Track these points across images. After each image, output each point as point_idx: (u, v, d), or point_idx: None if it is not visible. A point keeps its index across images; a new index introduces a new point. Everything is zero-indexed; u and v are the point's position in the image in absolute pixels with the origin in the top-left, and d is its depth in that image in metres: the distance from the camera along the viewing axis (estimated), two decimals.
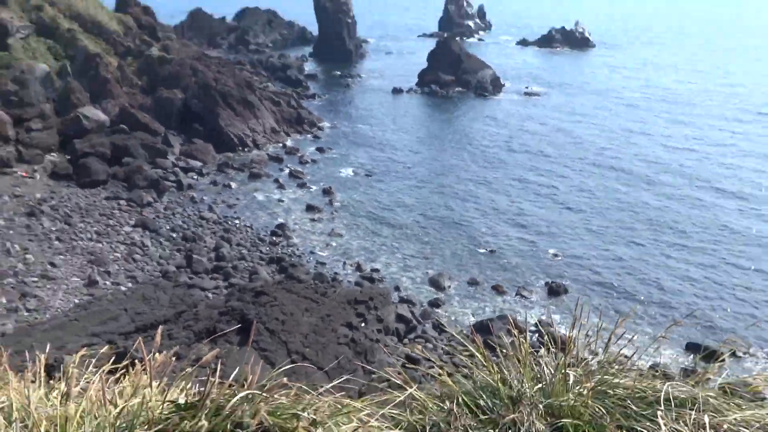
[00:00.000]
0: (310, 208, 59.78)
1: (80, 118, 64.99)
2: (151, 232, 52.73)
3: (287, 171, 68.26)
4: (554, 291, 47.47)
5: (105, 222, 53.30)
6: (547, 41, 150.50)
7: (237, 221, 56.41)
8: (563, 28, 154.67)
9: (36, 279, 44.60)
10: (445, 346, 39.78)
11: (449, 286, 48.15)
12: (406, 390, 4.07)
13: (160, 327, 3.89)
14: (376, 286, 45.44)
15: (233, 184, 64.07)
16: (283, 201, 61.43)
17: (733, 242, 55.35)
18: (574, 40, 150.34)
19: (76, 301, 43.03)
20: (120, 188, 58.91)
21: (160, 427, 2.38)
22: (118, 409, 2.51)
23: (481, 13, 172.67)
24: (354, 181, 67.37)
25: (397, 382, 4.22)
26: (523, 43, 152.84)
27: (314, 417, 2.52)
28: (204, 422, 2.31)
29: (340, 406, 2.78)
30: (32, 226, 50.75)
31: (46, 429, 2.53)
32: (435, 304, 45.67)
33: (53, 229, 50.97)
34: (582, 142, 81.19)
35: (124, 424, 2.45)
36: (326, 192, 63.19)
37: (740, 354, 40.25)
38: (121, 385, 3.01)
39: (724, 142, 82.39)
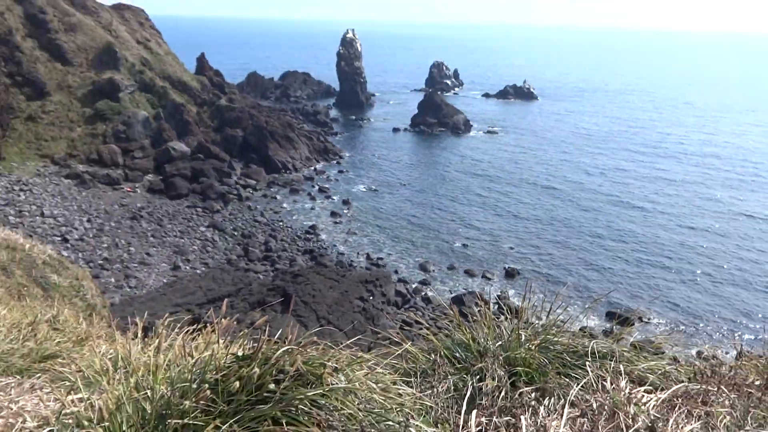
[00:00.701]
0: (333, 214, 59.70)
1: (169, 149, 64.99)
2: (219, 231, 52.68)
3: (317, 187, 68.15)
4: (510, 274, 47.34)
5: (186, 224, 53.26)
6: (503, 94, 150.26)
7: (281, 223, 56.34)
8: (515, 84, 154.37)
9: (136, 264, 44.56)
10: (431, 313, 39.69)
11: (433, 270, 48.03)
12: (403, 345, 4.02)
13: (225, 299, 3.84)
14: (381, 270, 45.38)
15: (278, 197, 64.00)
16: (314, 209, 61.34)
17: (634, 241, 55.18)
18: (523, 94, 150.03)
19: (165, 280, 43.02)
20: (197, 199, 58.87)
21: (224, 372, 2.33)
22: (194, 360, 2.46)
23: (456, 74, 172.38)
24: (365, 194, 67.27)
25: (396, 339, 4.17)
26: (486, 95, 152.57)
27: (336, 365, 2.48)
28: (256, 369, 2.26)
29: (354, 358, 2.73)
30: (134, 227, 50.72)
31: (142, 374, 2.49)
32: (423, 283, 45.57)
33: (149, 229, 50.93)
34: (528, 168, 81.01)
35: (198, 370, 2.40)
36: (345, 202, 63.09)
37: (645, 320, 40.11)
38: (196, 342, 2.96)
39: (627, 168, 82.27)
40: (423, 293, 43.48)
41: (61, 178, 56.72)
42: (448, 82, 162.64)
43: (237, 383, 2.21)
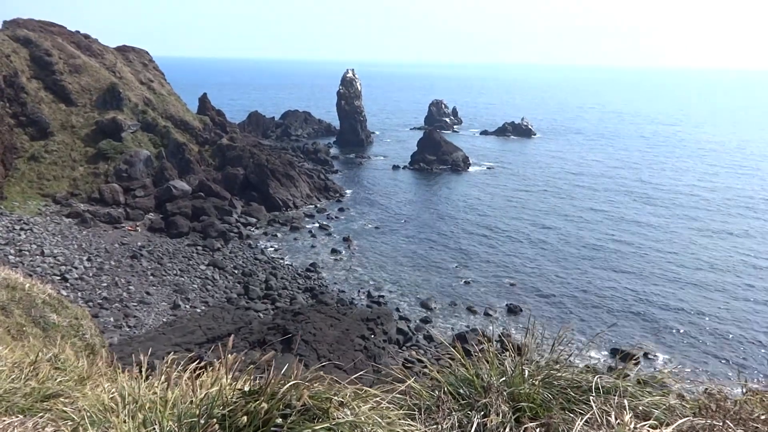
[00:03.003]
0: (334, 251, 59.62)
1: (171, 188, 65.36)
2: (220, 269, 52.50)
3: (318, 225, 68.25)
4: (512, 311, 46.99)
5: (186, 262, 53.12)
6: (501, 131, 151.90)
7: (281, 261, 56.20)
8: (513, 122, 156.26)
9: (136, 304, 44.29)
10: (434, 352, 39.28)
11: (435, 308, 47.69)
12: (406, 382, 4.02)
13: (231, 335, 3.86)
14: (382, 308, 45.03)
15: (279, 234, 64.03)
16: (314, 246, 61.28)
17: (637, 279, 54.97)
18: (521, 131, 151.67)
19: (164, 319, 42.65)
20: (198, 238, 58.85)
21: (231, 407, 2.35)
22: (201, 395, 2.48)
23: (455, 112, 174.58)
24: (366, 231, 67.29)
25: (399, 376, 4.17)
26: (485, 133, 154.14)
27: (342, 400, 2.50)
28: (264, 404, 2.29)
29: (359, 393, 2.75)
30: (134, 266, 50.60)
31: (150, 408, 2.51)
32: (425, 320, 45.18)
33: (149, 267, 50.78)
34: (527, 205, 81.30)
35: (206, 405, 2.42)
36: (346, 239, 63.07)
37: (651, 356, 39.67)
38: (201, 378, 2.98)
39: (626, 206, 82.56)
40: (425, 331, 43.06)
41: (62, 217, 56.89)
42: (447, 119, 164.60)
43: (245, 418, 2.23)
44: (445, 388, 4.02)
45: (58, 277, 45.14)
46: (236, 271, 52.41)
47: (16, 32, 71.56)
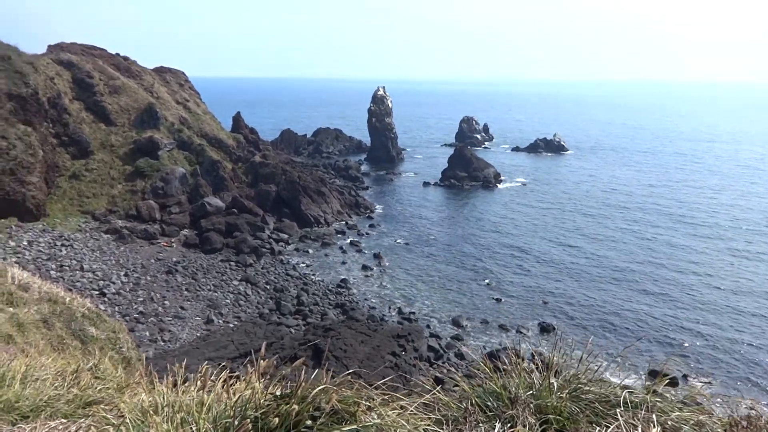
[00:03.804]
0: (365, 268, 59.77)
1: (205, 204, 66.62)
2: (252, 285, 53.10)
3: (349, 241, 68.61)
4: (545, 329, 46.30)
5: (220, 278, 53.91)
6: (533, 148, 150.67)
7: (312, 277, 56.57)
8: (545, 138, 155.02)
9: (170, 318, 45.06)
10: (465, 370, 38.89)
11: (466, 325, 47.30)
12: (436, 393, 4.07)
13: (264, 343, 3.99)
14: (413, 325, 44.87)
15: (310, 251, 64.51)
16: (345, 263, 61.55)
17: (672, 299, 53.62)
18: (553, 147, 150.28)
19: (198, 334, 43.26)
20: (231, 253, 59.67)
21: (264, 409, 2.47)
22: (235, 398, 2.61)
23: (486, 128, 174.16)
24: (397, 248, 67.34)
25: (427, 387, 4.23)
26: (516, 149, 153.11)
27: (369, 404, 2.59)
28: (295, 406, 2.39)
29: (386, 399, 2.84)
30: (169, 281, 51.56)
31: (187, 411, 2.64)
32: (456, 338, 44.82)
33: (184, 283, 51.69)
34: (560, 222, 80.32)
35: (240, 408, 2.54)
36: (376, 256, 63.20)
37: (683, 377, 38.55)
38: (234, 385, 3.11)
39: (661, 224, 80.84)
40: (456, 348, 42.71)
41: (100, 233, 58.45)
42: (478, 136, 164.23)
43: (276, 419, 2.34)
44: (473, 400, 4.07)
45: (97, 292, 46.29)
46: (268, 287, 52.93)
47: (60, 56, 74.38)
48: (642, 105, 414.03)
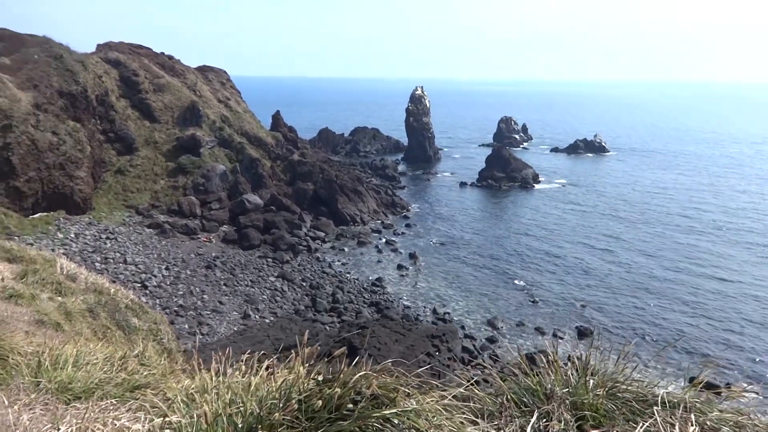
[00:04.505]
0: (400, 267, 59.88)
1: (244, 201, 67.80)
2: (288, 281, 53.79)
3: (384, 240, 68.82)
4: (583, 333, 45.52)
5: (257, 273, 54.77)
6: (573, 148, 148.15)
7: (348, 275, 56.95)
8: (585, 138, 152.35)
9: (209, 312, 46.02)
10: (500, 372, 38.55)
11: (502, 327, 46.92)
12: (471, 387, 4.12)
13: (306, 331, 4.12)
14: (447, 325, 44.74)
15: (346, 249, 64.97)
16: (381, 261, 61.78)
17: (716, 306, 52.04)
18: (594, 148, 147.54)
19: (235, 328, 44.06)
20: (268, 250, 60.55)
21: (307, 393, 2.58)
22: (280, 381, 2.73)
23: (524, 128, 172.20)
24: (432, 248, 67.25)
25: (462, 381, 4.28)
26: (555, 150, 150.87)
27: (407, 391, 2.68)
28: (338, 389, 2.50)
29: (424, 387, 2.92)
30: (208, 276, 52.67)
31: (234, 392, 2.78)
32: (491, 340, 44.52)
33: (222, 277, 52.71)
34: (599, 224, 78.84)
35: (284, 390, 2.66)
36: (412, 256, 63.24)
37: (740, 388, 37.36)
38: (278, 371, 3.23)
39: (707, 228, 78.46)
40: (491, 350, 42.42)
41: (143, 228, 60.11)
42: (517, 136, 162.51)
43: (320, 402, 2.45)
44: (508, 396, 4.11)
45: (139, 284, 47.64)
46: (304, 284, 53.55)
47: (108, 55, 76.76)
48: (684, 106, 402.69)
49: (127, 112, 72.88)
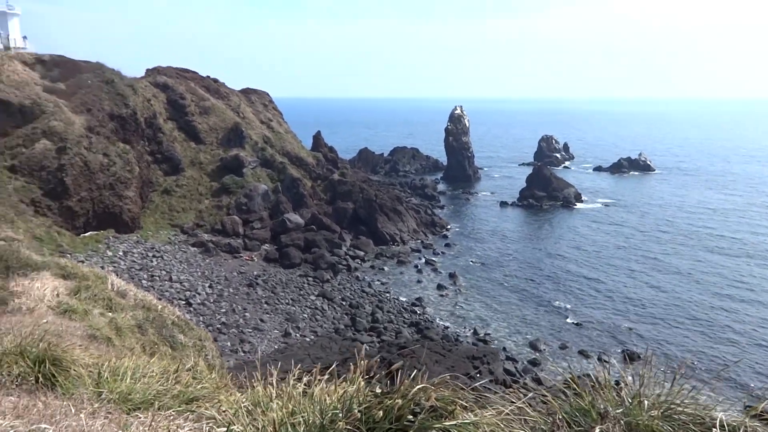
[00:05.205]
0: (440, 287, 59.53)
1: (285, 220, 68.77)
2: (328, 300, 54.07)
3: (424, 260, 68.62)
4: (629, 357, 44.17)
5: (298, 292, 55.28)
6: (617, 167, 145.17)
7: (387, 294, 56.91)
8: (629, 157, 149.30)
9: (250, 330, 46.57)
10: (542, 396, 37.70)
11: (544, 349, 46.00)
12: (522, 406, 4.11)
13: (364, 345, 4.21)
14: (488, 346, 44.12)
15: (386, 268, 65.01)
16: (420, 281, 61.56)
17: (752, 324, 49.86)
18: (638, 167, 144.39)
19: (276, 347, 44.44)
20: (309, 269, 61.09)
21: (367, 404, 2.66)
22: (341, 392, 2.82)
23: (566, 147, 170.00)
24: (472, 268, 66.68)
25: (512, 400, 4.27)
26: (598, 169, 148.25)
27: (465, 404, 2.73)
28: (398, 400, 2.57)
29: (480, 400, 2.96)
30: (250, 294, 53.43)
31: (297, 400, 2.88)
32: (533, 363, 43.65)
33: (263, 296, 53.38)
34: (645, 245, 76.75)
35: (345, 401, 2.75)
36: (452, 276, 62.82)
37: None
38: (337, 383, 3.32)
39: (747, 250, 75.44)
40: (533, 373, 41.59)
41: (188, 246, 61.55)
42: (558, 155, 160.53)
43: (381, 413, 2.53)
44: (560, 415, 4.09)
45: (183, 302, 48.67)
46: (344, 303, 53.75)
47: (156, 78, 79.62)
48: (729, 122, 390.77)
49: (173, 133, 75.22)
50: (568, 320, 51.56)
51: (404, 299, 55.82)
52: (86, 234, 57.58)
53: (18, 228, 49.65)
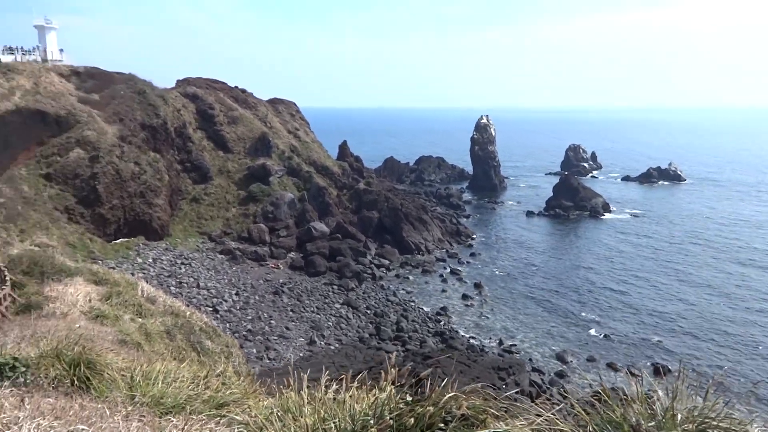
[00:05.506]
0: (465, 297, 59.18)
1: (311, 229, 69.20)
2: (353, 309, 54.14)
3: (449, 269, 68.33)
4: (659, 371, 43.25)
5: (323, 300, 55.48)
6: (646, 177, 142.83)
7: (412, 303, 56.77)
8: (659, 167, 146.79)
9: (276, 337, 46.86)
10: (569, 409, 37.13)
11: (571, 361, 45.33)
12: (552, 417, 4.07)
13: (393, 352, 4.23)
14: (514, 357, 43.67)
15: (410, 277, 64.89)
16: (445, 291, 61.26)
17: None
18: (668, 176, 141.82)
19: (301, 354, 44.62)
20: (334, 277, 61.31)
21: (398, 411, 2.68)
22: (373, 399, 2.84)
23: (594, 156, 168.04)
24: (498, 277, 66.15)
25: (542, 411, 4.23)
26: (627, 178, 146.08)
27: (496, 413, 2.73)
28: (430, 408, 2.59)
29: (512, 410, 2.95)
30: (276, 301, 53.80)
31: (328, 405, 2.91)
32: (560, 375, 43.05)
33: (289, 303, 53.71)
34: (671, 256, 75.22)
35: (377, 408, 2.77)
36: (477, 285, 62.41)
37: None
38: (367, 390, 3.34)
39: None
40: (560, 386, 40.97)
41: (216, 254, 62.31)
42: (586, 164, 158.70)
43: (412, 420, 2.55)
44: (591, 427, 4.04)
45: (210, 309, 49.23)
46: (369, 312, 53.77)
47: (186, 89, 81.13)
48: (761, 131, 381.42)
49: (202, 143, 76.45)
50: (595, 333, 50.76)
51: (429, 309, 55.60)
52: (117, 241, 58.75)
53: (52, 234, 50.92)
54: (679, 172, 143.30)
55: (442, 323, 51.99)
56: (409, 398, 2.81)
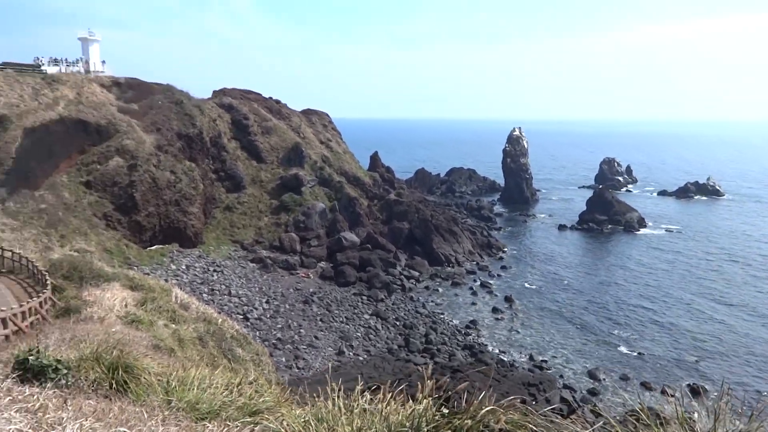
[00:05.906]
0: (495, 310, 58.55)
1: (341, 239, 69.51)
2: (382, 320, 54.03)
3: (479, 282, 67.73)
4: (695, 391, 41.90)
5: (352, 310, 55.52)
6: (683, 192, 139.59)
7: (442, 316, 56.40)
8: (697, 181, 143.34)
9: (305, 347, 47.03)
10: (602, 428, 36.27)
11: (604, 379, 44.34)
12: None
13: (430, 363, 4.23)
14: (544, 373, 42.96)
15: (440, 289, 64.52)
16: (475, 303, 60.72)
17: None
18: (706, 191, 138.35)
19: (329, 364, 44.65)
20: (363, 287, 61.34)
21: (436, 423, 2.68)
22: (409, 411, 2.84)
23: (629, 170, 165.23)
24: (529, 291, 65.29)
25: (577, 429, 4.17)
26: (663, 193, 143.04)
27: (535, 428, 2.70)
28: (467, 421, 2.58)
29: (550, 426, 2.92)
30: (305, 311, 54.06)
31: (364, 418, 2.92)
32: (592, 392, 42.13)
33: (318, 313, 53.90)
34: (708, 273, 73.10)
35: (414, 418, 2.77)
36: (507, 299, 61.71)
37: None
38: (403, 401, 3.35)
39: None
40: (592, 404, 40.09)
41: (247, 262, 63.03)
42: (620, 178, 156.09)
43: None
44: None
45: (241, 316, 49.75)
46: (398, 323, 53.58)
47: (222, 100, 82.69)
48: None
49: (237, 152, 77.70)
50: (627, 351, 49.58)
51: (458, 321, 55.14)
52: (152, 247, 59.96)
53: (90, 240, 52.26)
54: (717, 187, 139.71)
55: (471, 336, 51.46)
56: (445, 411, 2.80)
